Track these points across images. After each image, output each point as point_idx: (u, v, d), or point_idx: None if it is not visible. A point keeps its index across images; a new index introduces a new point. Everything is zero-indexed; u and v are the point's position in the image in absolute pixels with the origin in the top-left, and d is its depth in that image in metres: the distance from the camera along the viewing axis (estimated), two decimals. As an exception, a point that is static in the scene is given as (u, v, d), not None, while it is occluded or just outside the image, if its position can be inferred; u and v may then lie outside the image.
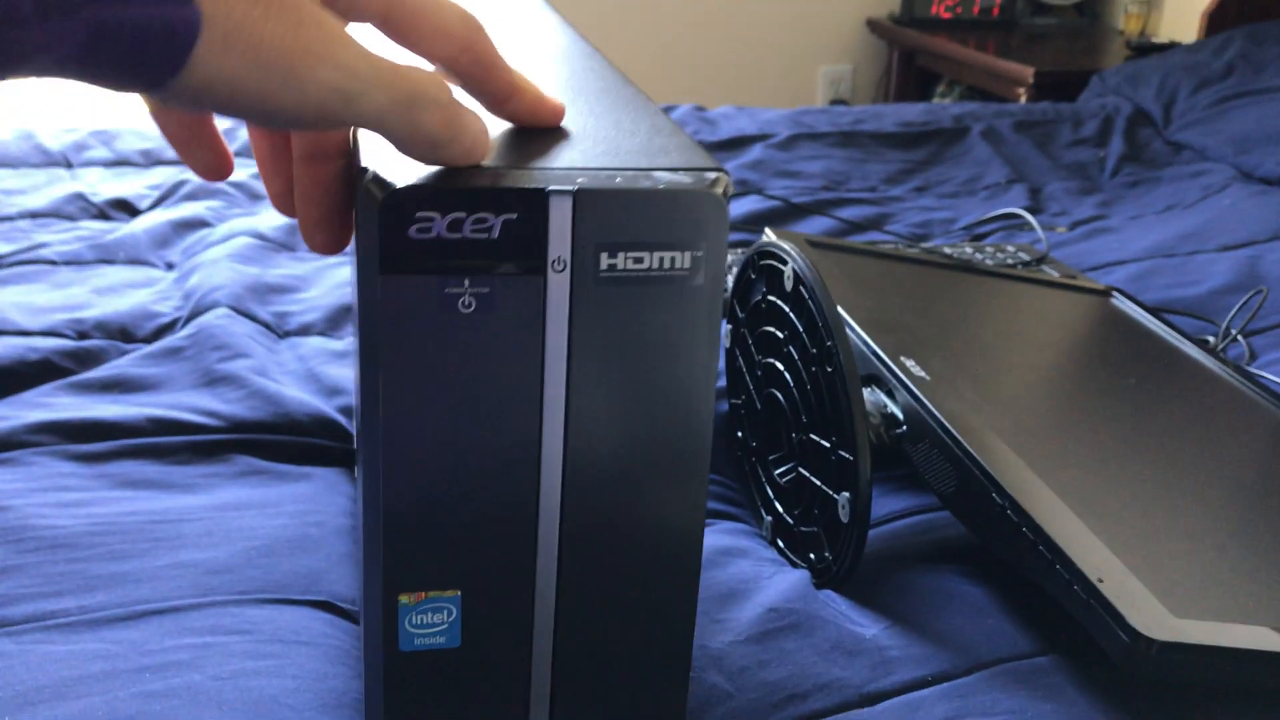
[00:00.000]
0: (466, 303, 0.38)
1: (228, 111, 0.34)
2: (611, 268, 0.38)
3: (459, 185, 0.36)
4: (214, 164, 0.45)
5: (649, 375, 0.40)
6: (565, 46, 0.56)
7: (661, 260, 0.39)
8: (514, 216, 0.37)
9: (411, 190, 0.36)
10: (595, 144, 0.41)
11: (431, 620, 0.42)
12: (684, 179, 0.38)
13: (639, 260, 0.38)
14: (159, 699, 0.51)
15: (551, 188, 0.37)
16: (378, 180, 0.36)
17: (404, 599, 0.42)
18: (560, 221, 0.37)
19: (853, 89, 3.16)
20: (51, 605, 0.58)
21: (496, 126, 0.42)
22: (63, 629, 0.56)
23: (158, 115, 0.43)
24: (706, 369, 0.41)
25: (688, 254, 0.39)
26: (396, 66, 0.36)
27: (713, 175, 0.39)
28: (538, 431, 0.40)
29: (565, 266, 0.38)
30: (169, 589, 0.59)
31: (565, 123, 0.43)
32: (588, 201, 0.37)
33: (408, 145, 0.37)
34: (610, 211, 0.38)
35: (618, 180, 0.38)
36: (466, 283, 0.37)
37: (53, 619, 0.57)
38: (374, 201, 0.36)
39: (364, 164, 0.37)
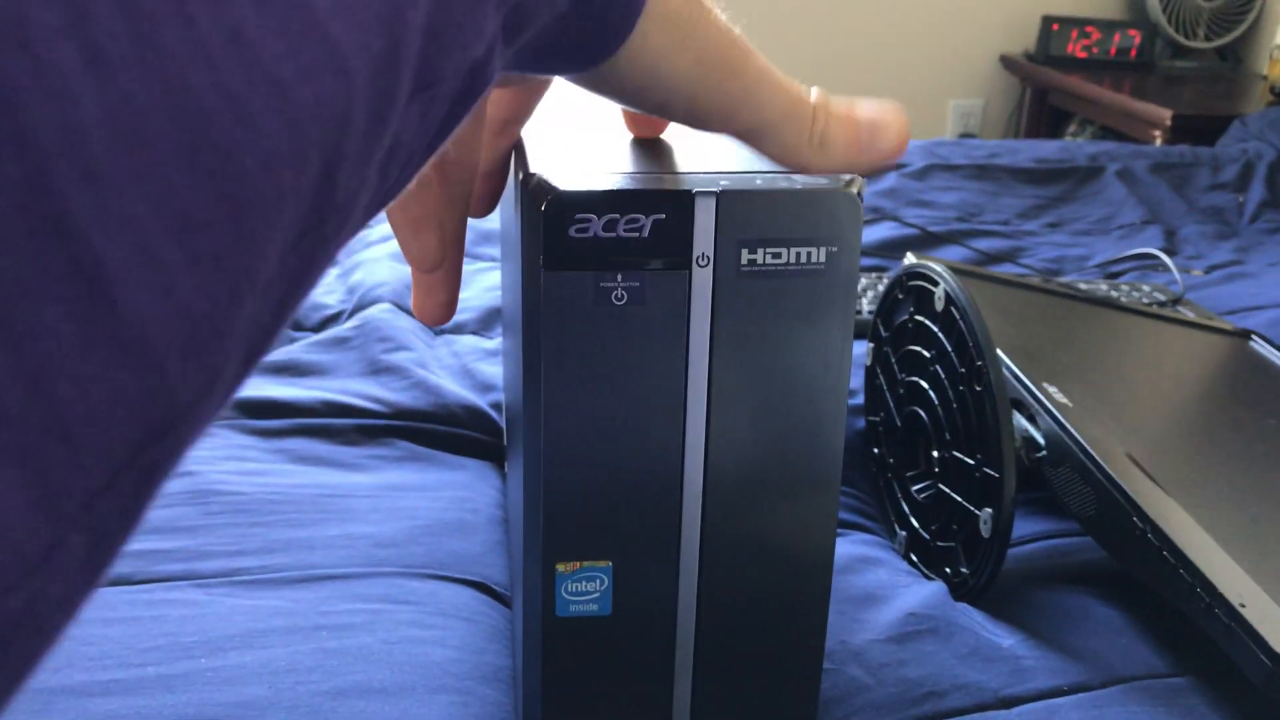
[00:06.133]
0: (619, 295, 0.41)
1: (642, 99, 0.32)
2: (751, 262, 0.41)
3: (614, 189, 0.40)
4: (436, 254, 0.42)
5: (786, 361, 0.43)
6: None
7: (798, 255, 0.42)
8: (663, 217, 0.40)
9: (572, 194, 0.39)
10: (740, 149, 0.44)
11: (585, 588, 0.45)
12: (820, 180, 0.42)
13: (777, 255, 0.42)
14: (336, 655, 0.55)
15: (697, 190, 0.40)
16: (542, 185, 0.40)
17: (561, 567, 0.45)
18: (705, 221, 0.41)
19: (982, 123, 3.15)
20: (236, 563, 0.63)
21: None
22: (247, 585, 0.61)
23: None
24: (840, 356, 0.44)
25: (823, 249, 0.42)
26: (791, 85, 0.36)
27: (847, 176, 0.42)
28: (682, 415, 0.43)
29: (709, 261, 0.41)
30: (341, 557, 0.64)
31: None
32: (730, 202, 0.40)
33: (786, 153, 0.37)
34: (750, 211, 0.41)
35: (758, 182, 0.41)
36: (619, 277, 0.41)
37: (238, 575, 0.61)
38: (538, 205, 0.39)
39: (531, 170, 0.40)
